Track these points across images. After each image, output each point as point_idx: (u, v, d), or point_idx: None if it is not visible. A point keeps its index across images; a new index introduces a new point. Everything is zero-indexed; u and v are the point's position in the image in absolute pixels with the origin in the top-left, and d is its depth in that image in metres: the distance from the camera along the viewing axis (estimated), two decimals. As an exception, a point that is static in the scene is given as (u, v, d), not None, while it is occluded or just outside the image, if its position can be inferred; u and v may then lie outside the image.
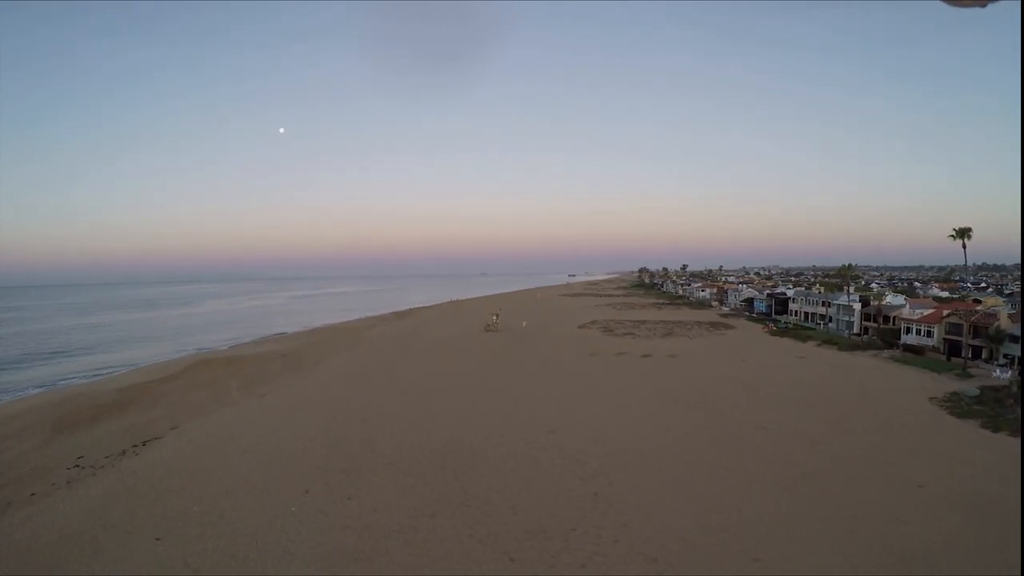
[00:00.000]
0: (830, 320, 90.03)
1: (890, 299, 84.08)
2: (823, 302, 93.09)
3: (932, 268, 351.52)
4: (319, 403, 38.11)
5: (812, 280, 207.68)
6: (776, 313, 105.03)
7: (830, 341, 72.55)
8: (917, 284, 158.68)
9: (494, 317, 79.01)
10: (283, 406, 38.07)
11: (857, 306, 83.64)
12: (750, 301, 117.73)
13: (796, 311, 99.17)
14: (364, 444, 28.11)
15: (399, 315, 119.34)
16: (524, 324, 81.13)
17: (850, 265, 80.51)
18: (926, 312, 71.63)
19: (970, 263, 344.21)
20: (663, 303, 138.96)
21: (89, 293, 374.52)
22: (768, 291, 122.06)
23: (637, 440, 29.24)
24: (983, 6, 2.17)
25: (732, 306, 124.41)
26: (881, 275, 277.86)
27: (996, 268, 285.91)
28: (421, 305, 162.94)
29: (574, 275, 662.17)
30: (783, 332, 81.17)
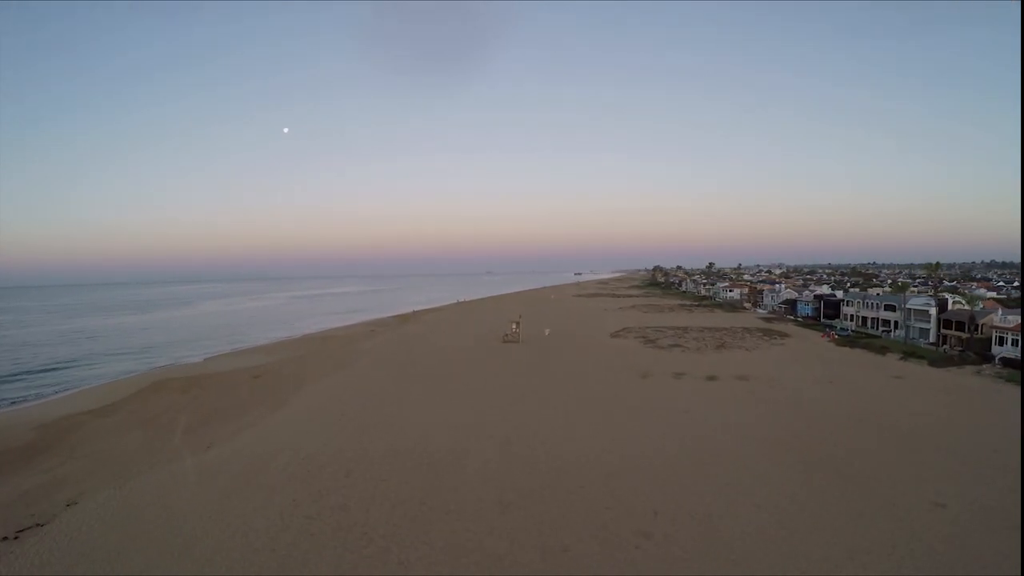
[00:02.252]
0: (895, 326, 78.10)
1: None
2: (886, 305, 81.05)
3: (940, 266, 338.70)
4: (280, 467, 26.38)
5: (826, 278, 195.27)
6: (825, 317, 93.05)
7: (913, 354, 60.62)
8: (951, 284, 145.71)
9: (513, 326, 67.02)
10: (229, 470, 26.43)
11: (934, 311, 71.71)
12: (791, 303, 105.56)
13: (851, 315, 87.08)
14: (334, 577, 16.30)
15: (402, 319, 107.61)
16: (547, 332, 69.18)
17: (938, 264, 68.22)
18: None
19: (979, 260, 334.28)
20: (691, 305, 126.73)
21: (88, 294, 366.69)
22: (812, 292, 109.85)
23: (793, 556, 17.47)
24: None
25: (770, 308, 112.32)
26: (898, 272, 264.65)
27: (1005, 266, 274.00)
28: (426, 307, 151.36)
29: (580, 274, 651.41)
30: (851, 342, 69.09)
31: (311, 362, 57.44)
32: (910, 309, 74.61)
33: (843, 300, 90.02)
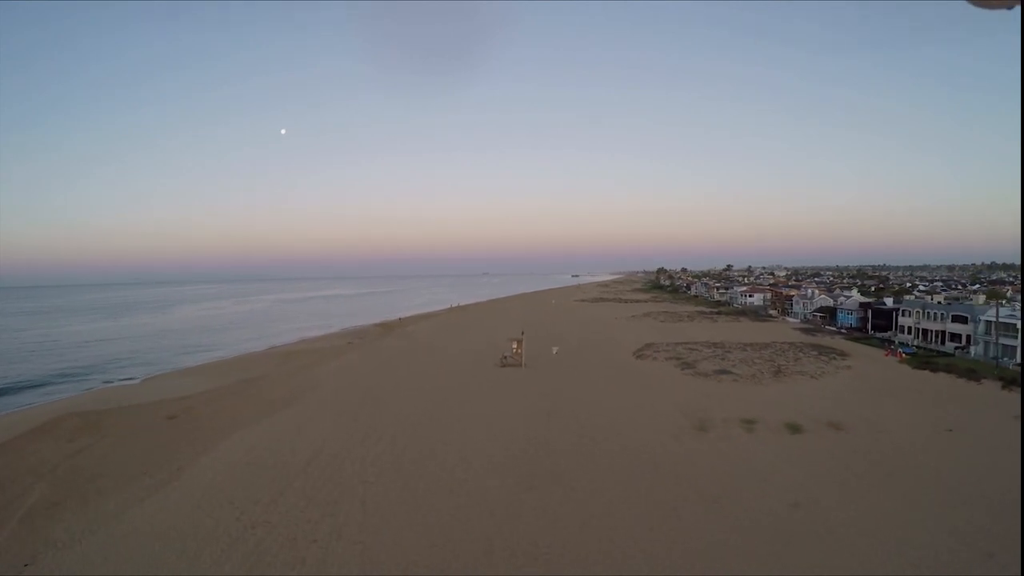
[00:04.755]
0: (969, 341, 65.63)
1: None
2: (955, 316, 68.58)
3: (940, 267, 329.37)
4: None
5: (834, 280, 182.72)
6: (875, 328, 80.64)
7: (1014, 380, 48.12)
8: (976, 287, 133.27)
9: (514, 345, 53.87)
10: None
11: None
12: (829, 312, 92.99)
13: (909, 328, 74.61)
14: None
15: (385, 328, 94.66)
16: (555, 351, 56.33)
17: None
18: None
19: (979, 262, 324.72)
20: (711, 312, 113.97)
21: (78, 295, 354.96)
22: (847, 297, 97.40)
23: None
24: (1009, 7, 2.08)
25: (802, 317, 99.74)
26: (910, 275, 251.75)
27: (1007, 267, 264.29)
28: (417, 312, 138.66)
29: (578, 275, 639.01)
30: (926, 363, 56.47)
31: (254, 392, 44.60)
32: (989, 322, 62.18)
33: (898, 309, 77.51)
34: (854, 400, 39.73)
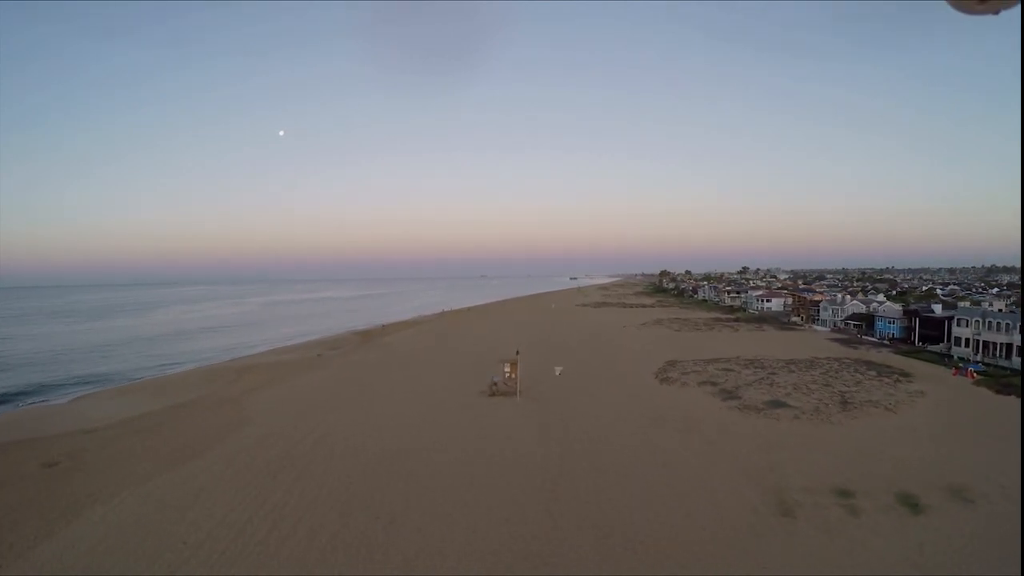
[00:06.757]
0: (1042, 357, 55.69)
1: None
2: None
3: (940, 270, 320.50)
4: None
5: (845, 284, 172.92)
6: (922, 339, 70.78)
7: None
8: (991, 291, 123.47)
9: (507, 368, 43.06)
10: None
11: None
12: (866, 319, 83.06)
13: (966, 339, 64.65)
14: None
15: (364, 338, 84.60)
16: (558, 372, 46.26)
17: None
18: None
19: (978, 264, 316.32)
20: (728, 319, 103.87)
21: (70, 295, 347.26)
22: (880, 302, 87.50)
23: None
24: (996, 13, 2.04)
25: (833, 325, 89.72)
26: (914, 278, 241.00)
27: (1008, 270, 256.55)
28: (405, 318, 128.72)
29: (576, 278, 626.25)
30: (1004, 385, 46.50)
31: (167, 431, 34.43)
32: (1074, 335, 52.31)
33: (951, 318, 67.53)
34: (957, 446, 29.80)
